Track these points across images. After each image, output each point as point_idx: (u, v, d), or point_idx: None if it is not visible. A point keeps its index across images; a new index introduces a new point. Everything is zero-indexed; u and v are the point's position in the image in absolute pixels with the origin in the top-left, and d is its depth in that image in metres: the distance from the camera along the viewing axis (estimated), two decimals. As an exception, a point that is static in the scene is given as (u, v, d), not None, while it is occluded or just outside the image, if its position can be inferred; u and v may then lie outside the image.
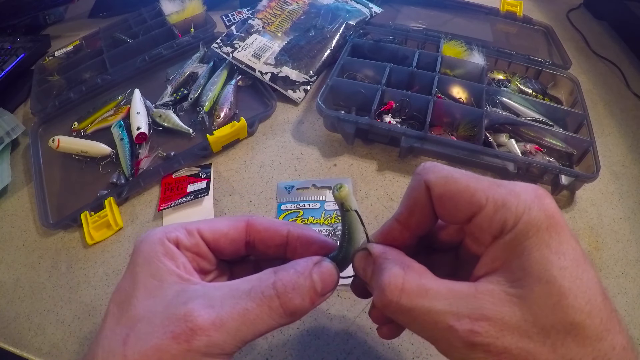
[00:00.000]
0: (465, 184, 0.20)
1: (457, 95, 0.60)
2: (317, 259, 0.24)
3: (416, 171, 0.22)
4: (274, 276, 0.22)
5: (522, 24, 0.77)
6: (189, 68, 0.68)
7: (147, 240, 0.23)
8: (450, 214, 0.21)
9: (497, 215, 0.19)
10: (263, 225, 0.26)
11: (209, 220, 0.26)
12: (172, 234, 0.24)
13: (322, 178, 0.54)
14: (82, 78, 0.70)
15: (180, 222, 0.25)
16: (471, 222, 0.20)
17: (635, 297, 0.43)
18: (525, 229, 0.18)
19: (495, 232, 0.19)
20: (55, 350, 0.42)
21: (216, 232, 0.25)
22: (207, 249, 0.25)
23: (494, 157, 0.50)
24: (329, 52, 0.67)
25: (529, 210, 0.18)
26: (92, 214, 0.52)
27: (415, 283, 0.20)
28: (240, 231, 0.26)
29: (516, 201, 0.19)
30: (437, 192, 0.21)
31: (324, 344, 0.40)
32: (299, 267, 0.23)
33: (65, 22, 0.92)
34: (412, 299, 0.19)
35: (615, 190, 0.53)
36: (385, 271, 0.21)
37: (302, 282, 0.22)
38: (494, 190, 0.20)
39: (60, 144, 0.58)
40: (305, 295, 0.22)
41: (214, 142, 0.56)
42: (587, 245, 0.47)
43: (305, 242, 0.26)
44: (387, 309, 0.20)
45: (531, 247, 0.18)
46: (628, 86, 0.68)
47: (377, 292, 0.21)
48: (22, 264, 0.50)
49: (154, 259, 0.22)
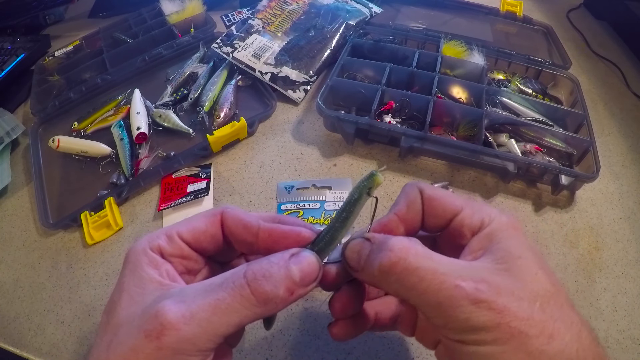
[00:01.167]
0: (448, 193, 0.26)
1: (457, 95, 0.60)
2: (295, 250, 0.24)
3: (408, 183, 0.27)
4: (245, 267, 0.22)
5: (522, 24, 0.77)
6: (189, 68, 0.68)
7: (133, 251, 0.24)
8: (436, 214, 0.25)
9: (475, 216, 0.24)
10: (233, 220, 0.26)
11: (188, 220, 0.26)
12: (155, 242, 0.24)
13: (322, 178, 0.54)
14: (82, 78, 0.70)
15: (164, 227, 0.26)
16: (452, 222, 0.25)
17: (635, 297, 0.43)
18: (498, 226, 0.23)
19: (474, 229, 0.24)
20: (55, 350, 0.42)
21: (195, 231, 0.25)
22: (190, 250, 0.25)
23: (494, 157, 0.50)
24: (329, 52, 0.67)
25: (499, 216, 0.24)
26: (92, 214, 0.52)
27: (421, 248, 0.22)
28: (216, 226, 0.26)
29: (488, 210, 0.25)
30: (427, 194, 0.26)
31: (323, 344, 0.40)
32: (272, 258, 0.23)
33: (65, 22, 0.92)
34: (419, 260, 0.21)
35: (615, 190, 0.53)
36: (391, 239, 0.22)
37: (275, 270, 0.22)
38: (469, 202, 0.25)
39: (60, 144, 0.58)
40: (279, 283, 0.21)
41: (214, 142, 0.56)
42: (587, 245, 0.47)
43: (278, 238, 0.25)
44: (392, 269, 0.21)
45: (506, 237, 0.23)
46: (628, 86, 0.68)
47: (383, 254, 0.22)
48: (22, 264, 0.50)
49: (138, 268, 0.23)
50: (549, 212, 0.50)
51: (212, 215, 0.26)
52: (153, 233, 0.25)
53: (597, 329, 0.41)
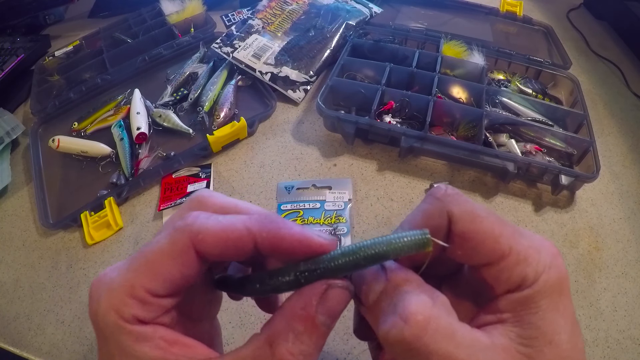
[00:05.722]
0: (491, 226, 0.18)
1: (457, 95, 0.60)
2: (319, 292, 0.18)
3: (435, 195, 0.19)
4: (271, 357, 0.17)
5: (522, 24, 0.77)
6: (189, 68, 0.68)
7: (105, 324, 0.18)
8: (467, 255, 0.19)
9: (517, 269, 0.18)
10: (215, 243, 0.18)
11: (146, 263, 0.18)
12: (125, 312, 0.17)
13: (322, 178, 0.54)
14: (82, 78, 0.70)
15: (119, 284, 0.18)
16: (486, 268, 0.19)
17: (635, 297, 0.43)
18: (542, 289, 0.18)
19: (512, 286, 0.18)
20: (55, 350, 0.42)
21: (166, 282, 0.18)
22: (171, 300, 0.19)
23: (494, 157, 0.50)
24: (329, 52, 0.67)
25: (549, 270, 0.18)
26: (92, 214, 0.52)
27: (444, 321, 0.17)
28: (191, 266, 0.19)
29: (537, 257, 0.18)
30: (460, 228, 0.18)
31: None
32: (299, 327, 0.18)
33: (65, 22, 0.92)
34: (438, 340, 0.16)
35: (615, 190, 0.53)
36: (410, 299, 0.17)
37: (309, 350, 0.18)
38: (517, 240, 0.18)
39: (60, 144, 0.58)
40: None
41: (214, 142, 0.56)
42: (587, 245, 0.47)
43: (277, 244, 0.19)
44: (401, 344, 0.16)
45: (545, 307, 0.18)
46: (628, 86, 0.68)
47: (395, 321, 0.17)
48: (22, 264, 0.50)
49: (128, 349, 0.17)
50: (549, 212, 0.50)
51: (180, 254, 0.18)
52: (111, 296, 0.18)
53: (597, 329, 0.41)
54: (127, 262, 0.19)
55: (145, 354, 0.17)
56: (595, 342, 0.40)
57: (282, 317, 0.18)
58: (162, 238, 0.19)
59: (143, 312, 0.18)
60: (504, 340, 0.17)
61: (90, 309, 0.18)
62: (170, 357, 0.18)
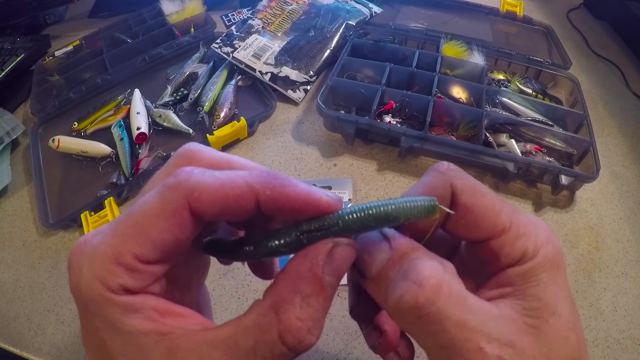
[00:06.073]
0: (492, 201, 0.19)
1: (457, 95, 0.60)
2: (325, 251, 0.17)
3: (439, 169, 0.19)
4: (277, 324, 0.16)
5: (522, 24, 0.77)
6: (189, 68, 0.68)
7: (87, 295, 0.16)
8: (469, 228, 0.19)
9: (518, 242, 0.18)
10: (211, 195, 0.16)
11: (134, 225, 0.16)
12: (112, 282, 0.16)
13: (322, 178, 0.54)
14: (82, 78, 0.70)
15: (105, 249, 0.16)
16: (488, 243, 0.19)
17: (635, 297, 0.43)
18: (542, 262, 0.18)
19: (513, 260, 0.18)
20: (55, 350, 0.42)
21: (156, 246, 0.16)
22: (162, 266, 0.17)
23: (494, 157, 0.50)
24: (329, 52, 0.67)
25: (547, 245, 0.18)
26: (92, 214, 0.52)
27: (456, 287, 0.17)
28: (184, 228, 0.17)
29: (536, 232, 0.18)
30: (463, 201, 0.19)
31: (323, 343, 0.40)
32: (310, 301, 0.17)
33: (65, 22, 0.92)
34: (451, 305, 0.16)
35: (615, 190, 0.53)
36: (422, 264, 0.17)
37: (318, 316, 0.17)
38: (516, 216, 0.19)
39: (60, 144, 0.58)
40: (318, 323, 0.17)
41: (214, 142, 0.56)
42: (587, 245, 0.47)
43: (282, 202, 0.17)
44: (414, 311, 0.16)
45: (546, 280, 0.18)
46: (628, 86, 0.68)
47: (409, 287, 0.16)
48: (22, 264, 0.50)
49: (117, 322, 0.16)
50: (549, 212, 0.50)
51: (173, 215, 0.16)
52: (95, 265, 0.16)
53: (597, 329, 0.41)
54: (111, 225, 0.17)
55: (134, 327, 0.16)
56: (595, 342, 0.40)
57: (286, 280, 0.17)
58: (151, 197, 0.17)
59: (131, 280, 0.16)
60: (512, 312, 0.17)
61: (71, 281, 0.17)
62: (163, 329, 0.16)
